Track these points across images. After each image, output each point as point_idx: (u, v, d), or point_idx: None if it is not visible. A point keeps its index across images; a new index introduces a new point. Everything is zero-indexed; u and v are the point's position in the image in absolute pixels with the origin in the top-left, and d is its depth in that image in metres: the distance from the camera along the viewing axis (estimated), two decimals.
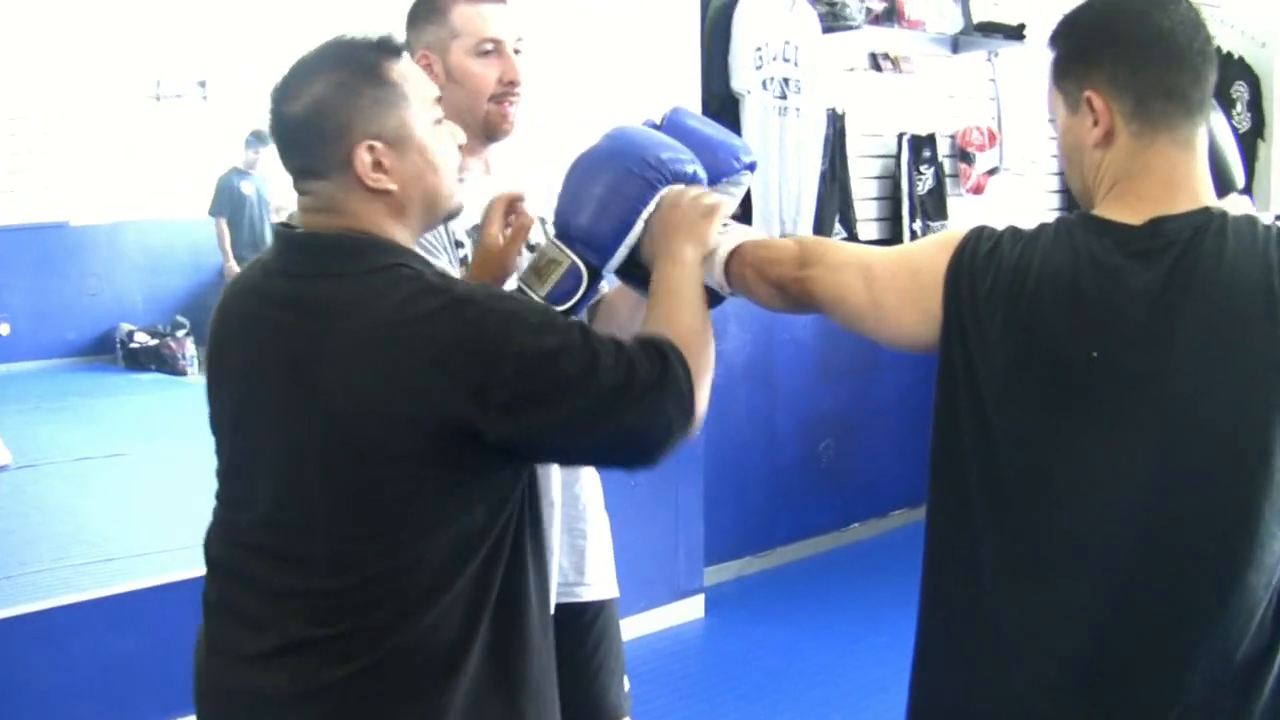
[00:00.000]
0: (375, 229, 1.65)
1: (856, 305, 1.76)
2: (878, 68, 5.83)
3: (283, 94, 1.65)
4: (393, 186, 1.64)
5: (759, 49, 5.11)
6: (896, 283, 1.72)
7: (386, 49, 1.67)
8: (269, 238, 6.84)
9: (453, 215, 1.79)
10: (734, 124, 5.08)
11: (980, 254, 1.64)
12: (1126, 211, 1.61)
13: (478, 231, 2.11)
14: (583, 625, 2.45)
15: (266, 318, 1.66)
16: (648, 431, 1.63)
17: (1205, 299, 1.53)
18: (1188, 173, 1.62)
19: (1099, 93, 1.63)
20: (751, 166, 2.13)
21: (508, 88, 2.24)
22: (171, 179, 10.53)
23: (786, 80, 5.22)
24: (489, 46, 2.22)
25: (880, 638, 4.72)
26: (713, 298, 1.96)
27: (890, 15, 5.61)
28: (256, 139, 8.21)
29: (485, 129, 2.27)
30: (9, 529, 5.79)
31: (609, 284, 2.38)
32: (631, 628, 4.57)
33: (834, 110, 5.54)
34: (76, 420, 8.36)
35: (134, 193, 10.44)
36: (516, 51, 2.26)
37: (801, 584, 5.36)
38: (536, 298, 1.93)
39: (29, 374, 9.92)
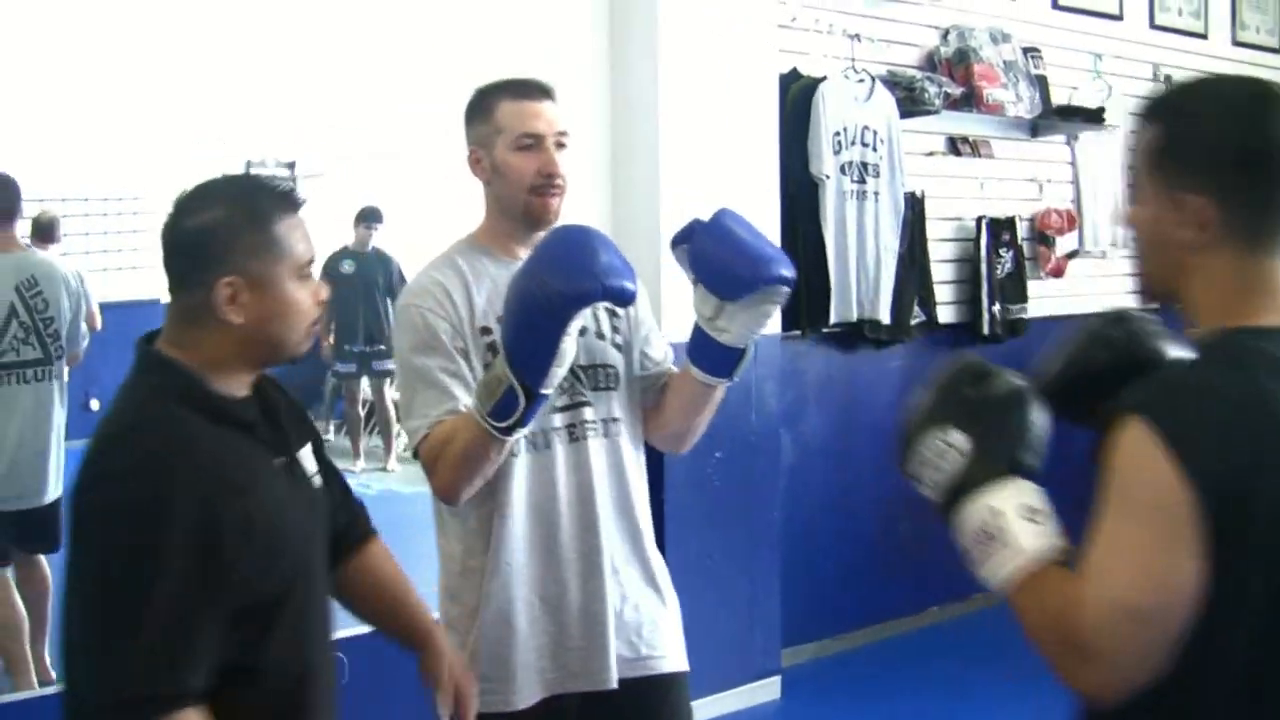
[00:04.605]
0: (211, 350, 1.82)
1: None
2: (956, 152, 5.85)
3: (185, 206, 1.85)
4: (239, 320, 1.80)
5: (838, 134, 5.17)
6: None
7: (283, 203, 1.87)
8: (362, 317, 6.96)
9: (295, 359, 1.91)
10: (812, 207, 5.13)
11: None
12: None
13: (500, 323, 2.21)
14: (654, 700, 2.45)
15: None
16: None
17: None
18: None
19: (1207, 198, 1.47)
20: (789, 282, 2.22)
21: (546, 180, 2.34)
22: None
23: (865, 165, 5.27)
24: (528, 141, 2.33)
25: None
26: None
27: (969, 100, 5.65)
28: (368, 216, 8.32)
29: (527, 218, 2.37)
30: None
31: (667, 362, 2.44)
32: (708, 708, 4.55)
33: (913, 194, 5.55)
34: None
35: None
36: (561, 145, 2.35)
37: (879, 667, 5.32)
38: (482, 413, 2.08)
39: None
